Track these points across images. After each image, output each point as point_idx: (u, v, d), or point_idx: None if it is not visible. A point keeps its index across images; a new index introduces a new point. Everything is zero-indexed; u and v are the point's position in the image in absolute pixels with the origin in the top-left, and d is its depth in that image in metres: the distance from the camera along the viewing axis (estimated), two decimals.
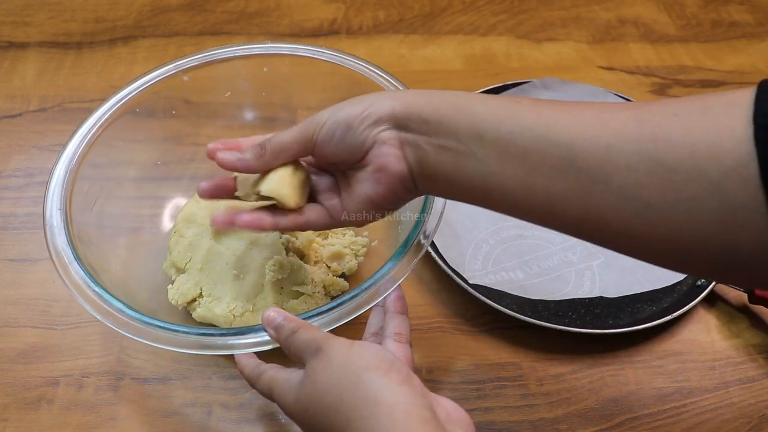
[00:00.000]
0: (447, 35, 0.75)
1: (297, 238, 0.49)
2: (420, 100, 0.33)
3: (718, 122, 0.25)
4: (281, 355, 0.35)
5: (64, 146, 0.45)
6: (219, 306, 0.45)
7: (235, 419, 0.44)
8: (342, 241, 0.50)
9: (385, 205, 0.36)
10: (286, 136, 0.36)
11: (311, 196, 0.39)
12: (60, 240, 0.41)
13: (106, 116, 0.48)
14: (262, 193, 0.37)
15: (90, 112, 0.48)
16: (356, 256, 0.50)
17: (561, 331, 0.47)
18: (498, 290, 0.50)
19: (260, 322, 0.36)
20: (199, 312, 0.45)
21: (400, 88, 0.48)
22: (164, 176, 0.54)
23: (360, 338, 0.49)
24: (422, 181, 0.34)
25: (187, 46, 0.72)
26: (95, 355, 0.47)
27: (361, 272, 0.51)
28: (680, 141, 0.26)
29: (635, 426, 0.44)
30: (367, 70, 0.50)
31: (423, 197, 0.42)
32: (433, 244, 0.52)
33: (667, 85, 0.70)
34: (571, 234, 0.31)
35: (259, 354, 0.37)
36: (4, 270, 0.52)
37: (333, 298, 0.48)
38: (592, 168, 0.28)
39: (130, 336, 0.37)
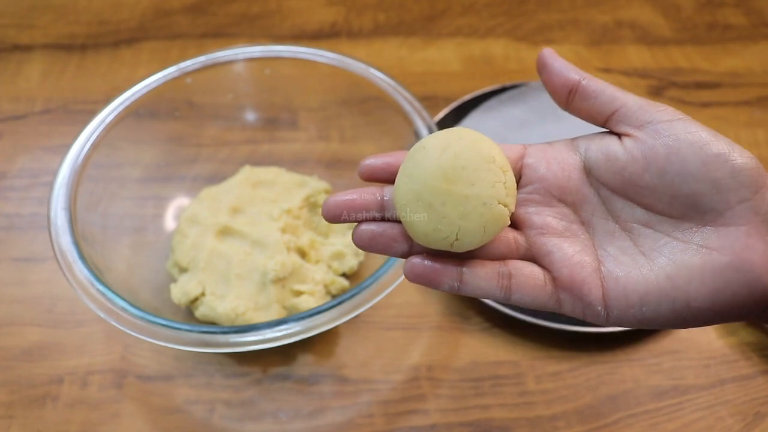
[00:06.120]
0: (446, 37, 0.76)
1: (298, 237, 0.49)
2: None
3: None
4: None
5: (68, 147, 0.46)
6: (221, 304, 0.45)
7: (237, 417, 0.45)
8: (343, 241, 0.51)
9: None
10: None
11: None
12: (65, 240, 0.41)
13: (110, 118, 0.48)
14: None
15: (94, 113, 0.48)
16: (356, 255, 0.51)
17: (559, 329, 0.48)
18: None
19: (262, 321, 0.37)
20: (202, 310, 0.46)
21: (400, 89, 0.49)
22: (167, 177, 0.55)
23: (358, 338, 0.49)
24: None
25: (189, 49, 0.73)
26: (99, 353, 0.48)
27: (361, 271, 0.51)
28: None
29: (632, 423, 0.45)
30: (367, 72, 0.50)
31: None
32: None
33: (662, 87, 0.70)
34: None
35: (256, 354, 0.37)
36: (9, 269, 0.53)
37: (334, 296, 0.48)
38: None
39: (134, 334, 0.38)
